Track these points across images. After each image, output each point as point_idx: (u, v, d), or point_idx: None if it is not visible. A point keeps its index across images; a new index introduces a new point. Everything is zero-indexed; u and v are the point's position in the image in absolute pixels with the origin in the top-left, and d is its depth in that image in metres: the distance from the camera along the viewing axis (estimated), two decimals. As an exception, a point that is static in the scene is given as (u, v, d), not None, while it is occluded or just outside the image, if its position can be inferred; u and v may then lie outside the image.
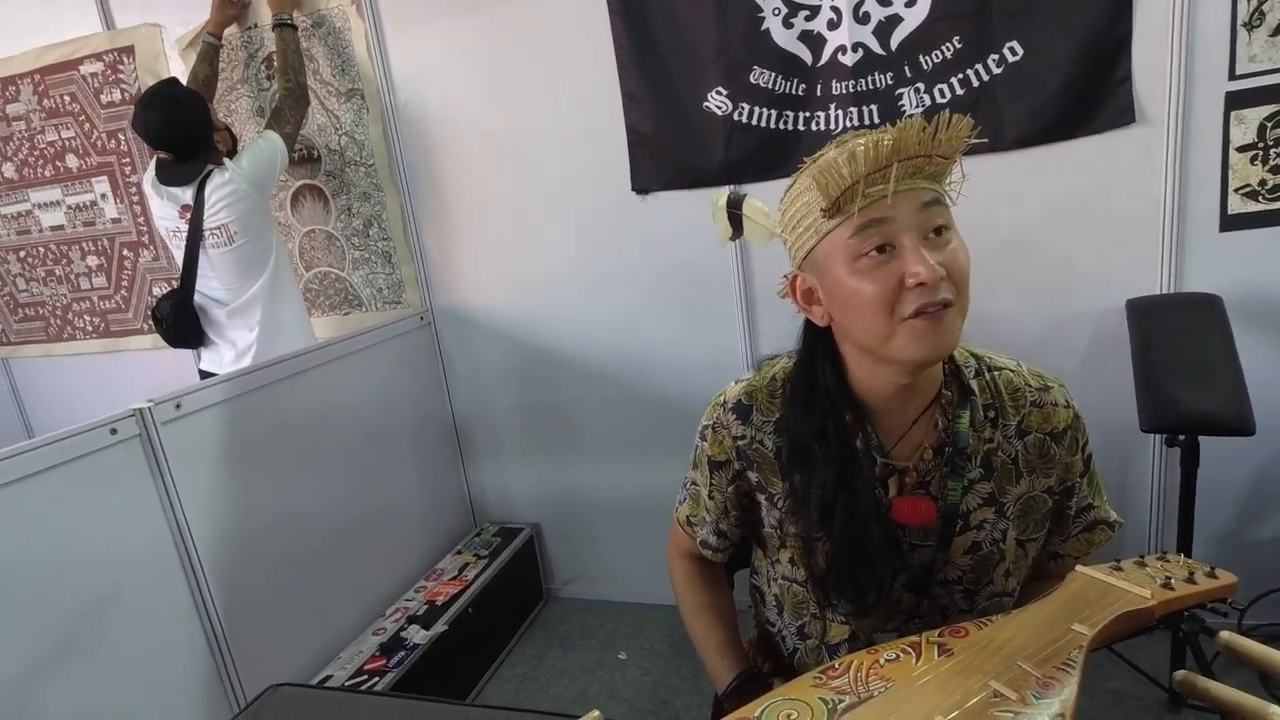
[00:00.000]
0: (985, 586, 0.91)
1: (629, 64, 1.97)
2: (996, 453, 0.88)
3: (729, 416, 0.95)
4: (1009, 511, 0.89)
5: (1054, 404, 0.89)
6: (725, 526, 1.02)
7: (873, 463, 0.87)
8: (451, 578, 2.24)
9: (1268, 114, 1.64)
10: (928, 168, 0.75)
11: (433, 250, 2.37)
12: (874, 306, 0.76)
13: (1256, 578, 1.89)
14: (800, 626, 0.99)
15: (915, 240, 0.75)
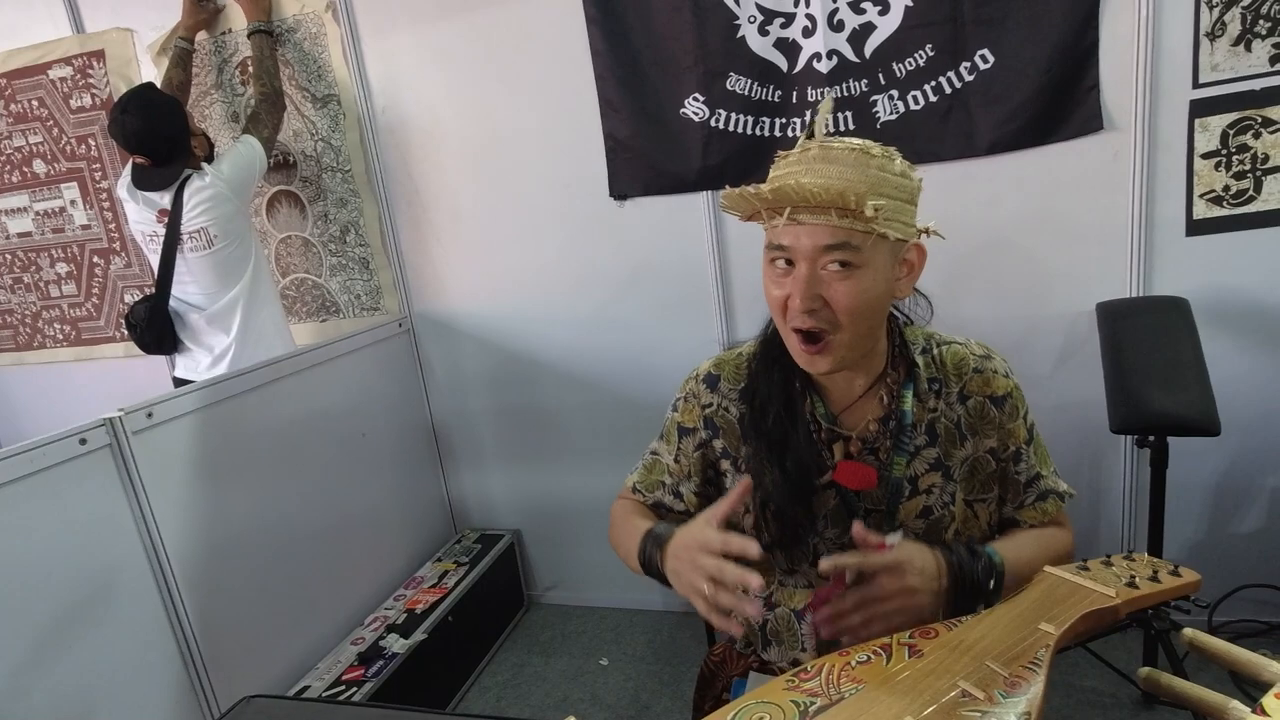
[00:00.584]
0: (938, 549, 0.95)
1: (606, 71, 1.97)
2: (940, 419, 0.95)
3: (700, 387, 1.03)
4: (955, 474, 0.96)
5: (994, 371, 0.97)
6: (685, 490, 1.06)
7: (818, 427, 0.95)
8: (431, 585, 2.22)
9: (1230, 121, 1.67)
10: (830, 214, 0.80)
11: (411, 256, 2.36)
12: (774, 306, 0.89)
13: (1226, 575, 1.92)
14: (767, 596, 1.04)
15: (808, 269, 0.83)
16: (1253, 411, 1.81)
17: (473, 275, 2.32)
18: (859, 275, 0.83)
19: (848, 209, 0.78)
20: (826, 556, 0.82)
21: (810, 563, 0.99)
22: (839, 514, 0.96)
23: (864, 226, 0.80)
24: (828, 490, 0.96)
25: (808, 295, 0.83)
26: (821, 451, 0.95)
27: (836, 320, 0.84)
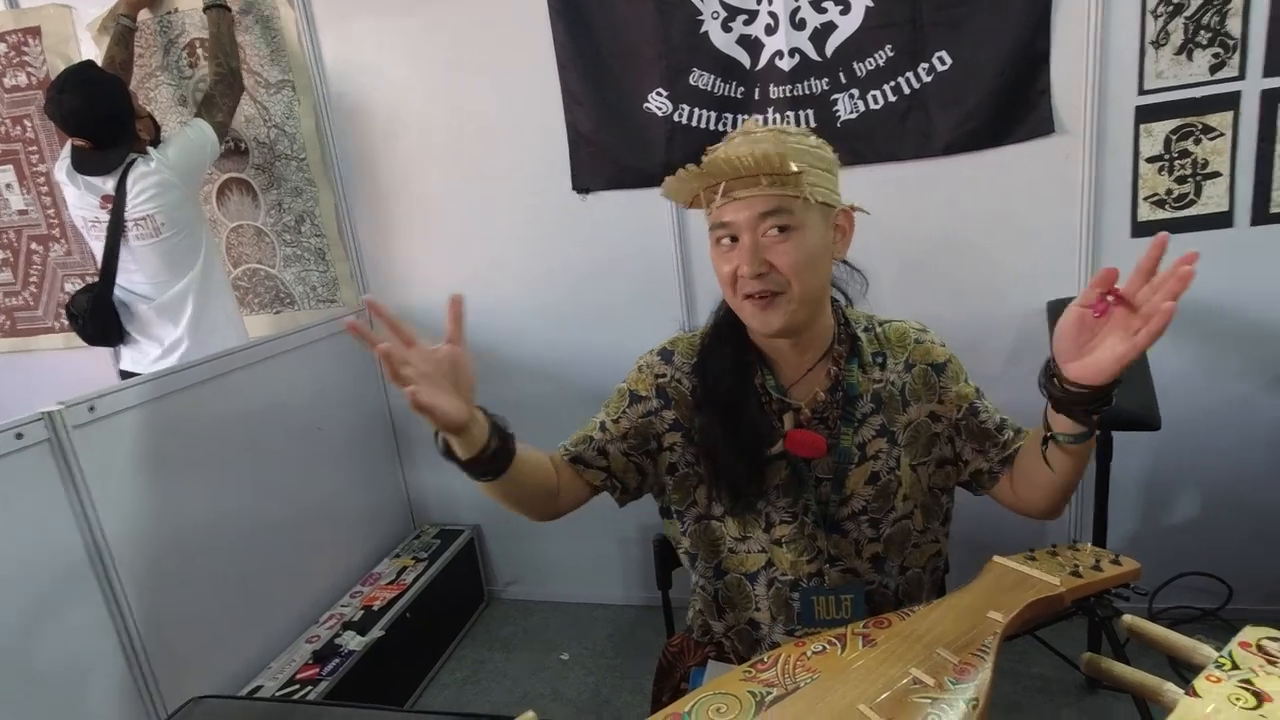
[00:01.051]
0: (888, 514, 1.01)
1: (569, 63, 1.96)
2: (885, 388, 1.01)
3: (654, 358, 1.07)
4: (900, 439, 1.01)
5: (933, 341, 1.05)
6: (612, 450, 1.04)
7: (768, 398, 0.99)
8: (389, 582, 2.19)
9: (1173, 127, 1.73)
10: (760, 182, 0.86)
11: (369, 247, 2.32)
12: (725, 283, 0.94)
13: (1166, 563, 2.00)
14: (717, 565, 1.07)
15: (751, 239, 0.89)
16: (1190, 407, 1.88)
17: (433, 267, 2.29)
18: (796, 236, 0.89)
19: (775, 172, 0.85)
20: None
21: (763, 529, 1.01)
22: (790, 483, 0.99)
23: (794, 191, 0.87)
24: (779, 460, 0.99)
25: (754, 261, 0.88)
26: (772, 421, 0.99)
27: (784, 280, 0.90)
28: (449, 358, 0.80)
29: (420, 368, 0.77)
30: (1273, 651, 0.63)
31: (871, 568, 1.02)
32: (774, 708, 0.65)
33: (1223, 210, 1.76)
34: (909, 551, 1.04)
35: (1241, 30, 1.65)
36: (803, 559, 1.00)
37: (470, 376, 0.81)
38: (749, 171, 0.86)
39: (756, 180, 0.86)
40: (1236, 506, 1.94)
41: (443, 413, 0.76)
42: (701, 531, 1.07)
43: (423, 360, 0.77)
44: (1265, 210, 1.74)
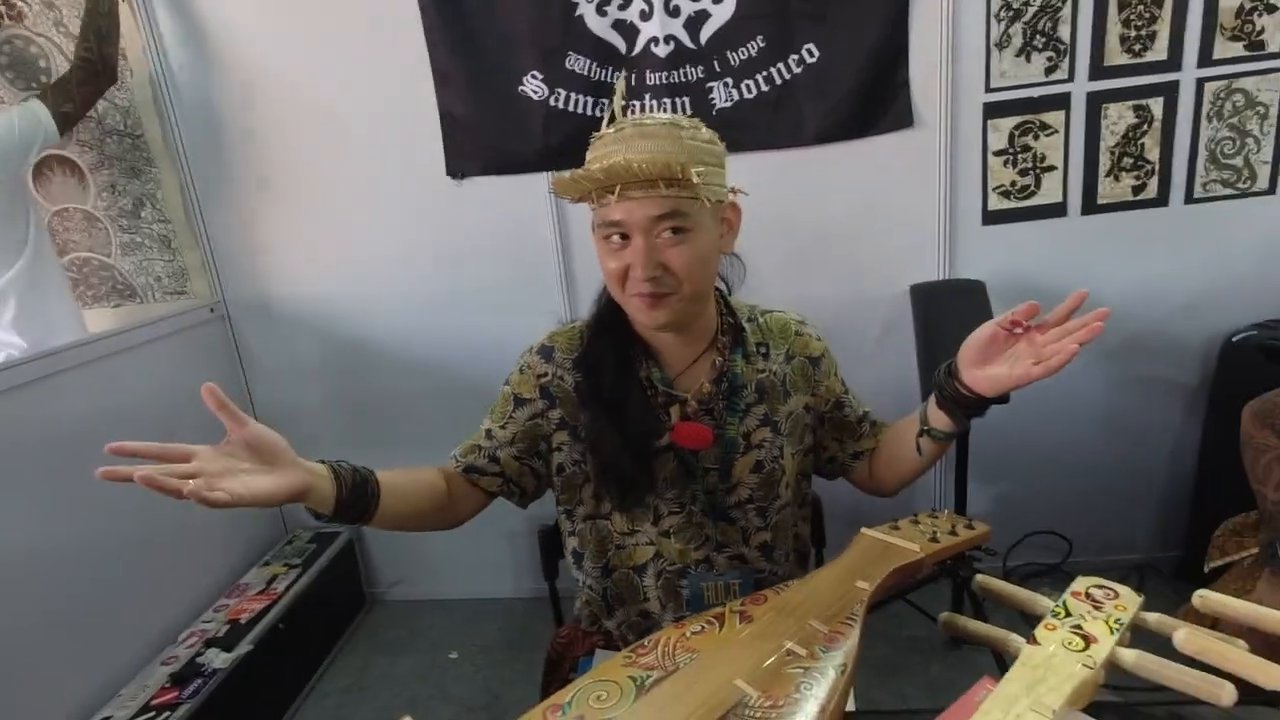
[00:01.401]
0: (773, 502, 1.04)
1: (439, 41, 1.88)
2: (768, 378, 1.03)
3: (534, 358, 1.03)
4: (782, 428, 1.03)
5: (810, 334, 1.09)
6: (504, 455, 1.02)
7: (654, 391, 0.99)
8: (258, 592, 2.05)
9: (1016, 123, 1.88)
10: (657, 186, 0.84)
11: (223, 234, 2.14)
12: (613, 278, 0.92)
13: (1017, 524, 2.19)
14: (604, 565, 1.06)
15: (645, 240, 0.87)
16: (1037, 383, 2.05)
17: (297, 256, 2.14)
18: (690, 239, 0.88)
19: (674, 179, 0.83)
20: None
21: (651, 522, 1.01)
22: (678, 474, 0.99)
23: (690, 193, 0.85)
24: (666, 452, 0.99)
25: (649, 264, 0.87)
26: (659, 414, 0.98)
27: (677, 281, 0.89)
28: (242, 444, 0.75)
29: (211, 467, 0.71)
30: (1098, 598, 0.70)
31: (761, 555, 1.05)
32: (654, 690, 0.65)
33: (1058, 201, 1.93)
34: (791, 539, 1.07)
35: (1070, 36, 1.80)
36: (690, 546, 1.02)
37: (278, 447, 0.76)
38: (649, 177, 0.83)
39: (654, 183, 0.84)
40: (1072, 471, 2.15)
41: (258, 497, 0.73)
42: (589, 530, 1.06)
43: (212, 459, 0.72)
44: (1094, 202, 1.92)
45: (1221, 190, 1.89)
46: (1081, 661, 0.62)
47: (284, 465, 0.76)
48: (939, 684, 1.86)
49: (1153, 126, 1.86)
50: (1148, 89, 1.83)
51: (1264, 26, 1.77)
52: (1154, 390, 2.07)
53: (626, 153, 0.84)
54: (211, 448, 0.73)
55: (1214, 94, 1.83)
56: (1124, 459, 2.13)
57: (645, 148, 0.85)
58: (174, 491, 0.67)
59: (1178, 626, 0.65)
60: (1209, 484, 2.03)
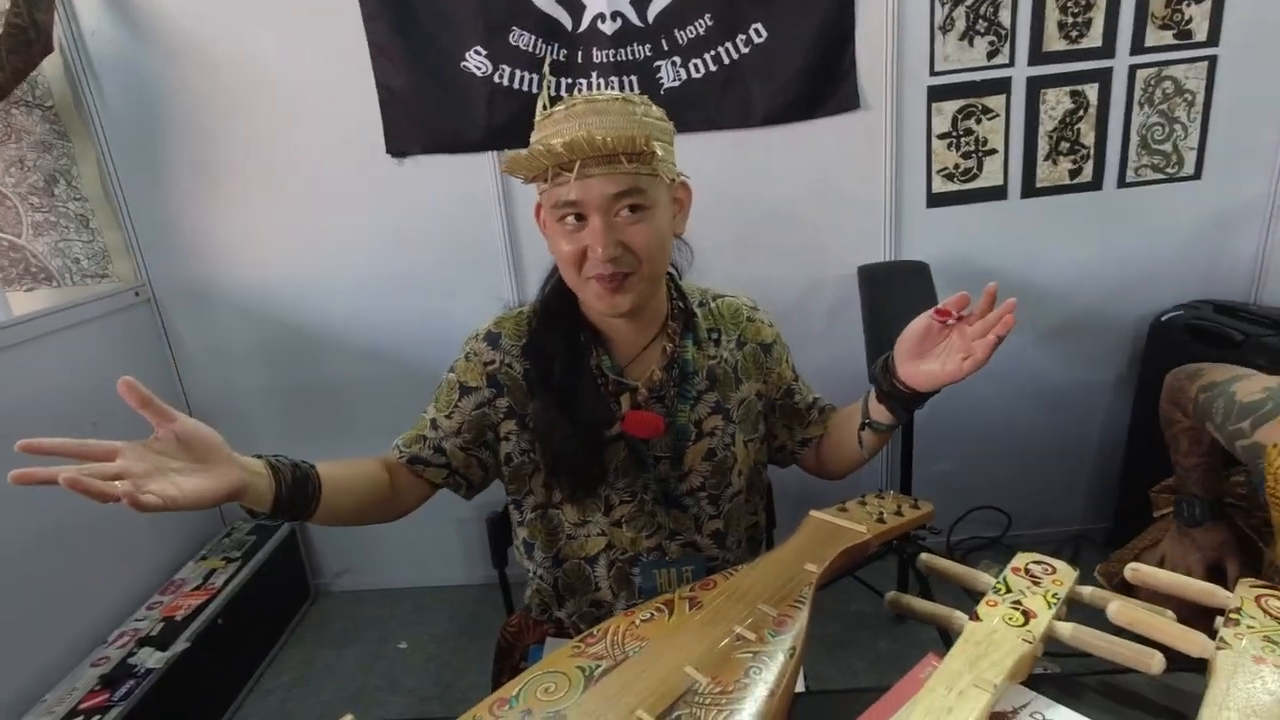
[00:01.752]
0: (726, 489, 1.03)
1: (376, 13, 1.80)
2: (719, 365, 1.01)
3: (481, 345, 0.99)
4: (734, 415, 1.02)
5: (763, 321, 1.08)
6: (449, 445, 0.98)
7: (604, 379, 0.96)
8: (195, 588, 1.97)
9: (959, 107, 1.91)
10: (617, 161, 0.82)
11: (146, 213, 2.02)
12: (567, 262, 0.89)
13: (960, 501, 2.25)
14: (555, 554, 1.04)
15: (603, 219, 0.84)
16: (975, 360, 2.10)
17: (230, 236, 2.04)
18: (649, 216, 0.87)
19: (636, 153, 0.81)
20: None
21: (603, 512, 1.00)
22: (629, 463, 0.98)
23: (648, 170, 0.84)
24: (617, 441, 0.97)
25: (610, 243, 0.84)
26: (609, 403, 0.96)
27: (636, 261, 0.87)
28: (172, 440, 0.70)
29: (138, 466, 0.66)
30: (1036, 574, 0.71)
31: (713, 543, 1.04)
32: (603, 680, 0.64)
33: (999, 184, 1.97)
34: (742, 526, 1.07)
35: (1011, 22, 1.83)
36: (642, 535, 1.01)
37: (211, 443, 0.71)
38: (611, 151, 0.81)
39: (614, 158, 0.82)
40: (1011, 447, 2.22)
41: (190, 499, 0.67)
42: (539, 520, 1.04)
43: (139, 457, 0.67)
44: (1033, 185, 1.97)
45: (1151, 175, 1.96)
46: (1021, 636, 0.63)
47: (218, 462, 0.71)
48: (886, 659, 1.91)
49: (1088, 112, 1.91)
50: (1084, 75, 1.88)
51: (1192, 16, 1.83)
52: (1088, 368, 2.15)
53: (582, 129, 0.82)
54: (138, 444, 0.68)
55: (1145, 81, 1.88)
56: (1059, 434, 2.21)
57: (602, 123, 0.82)
58: (103, 495, 0.62)
59: (1110, 599, 0.67)
60: (1138, 457, 2.12)
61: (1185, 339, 1.89)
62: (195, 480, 0.69)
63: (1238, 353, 1.72)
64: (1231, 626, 0.62)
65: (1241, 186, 1.96)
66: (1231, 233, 2.00)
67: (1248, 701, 0.55)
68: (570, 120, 0.84)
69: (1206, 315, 1.89)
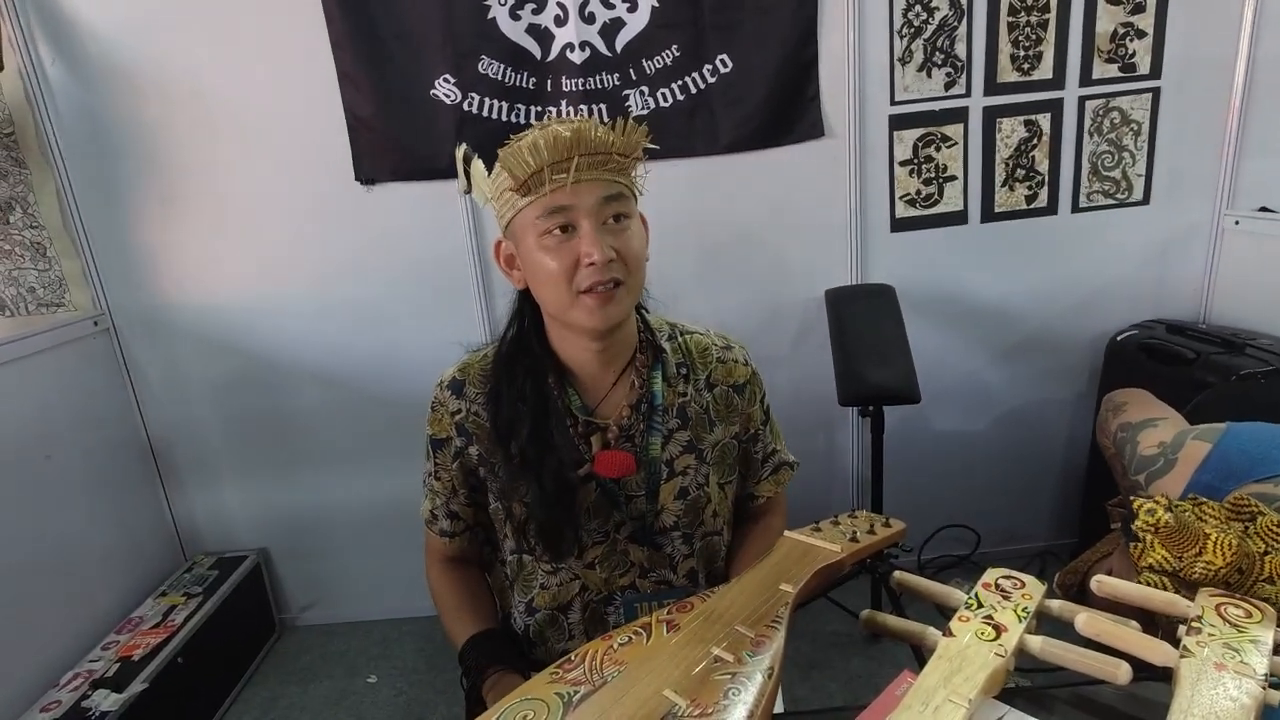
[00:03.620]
0: (699, 528, 1.01)
1: (344, 41, 1.81)
2: (690, 404, 0.99)
3: (445, 394, 0.97)
4: (708, 457, 1.00)
5: (735, 360, 1.03)
6: (456, 506, 1.01)
7: (574, 420, 0.94)
8: (153, 625, 1.90)
9: (919, 135, 1.97)
10: (610, 164, 0.84)
11: (106, 242, 1.98)
12: (556, 278, 0.85)
13: (929, 519, 2.28)
14: (529, 601, 1.02)
15: (593, 226, 0.83)
16: (944, 381, 2.15)
17: (191, 265, 2.01)
18: (632, 226, 0.87)
19: (624, 154, 0.83)
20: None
21: (575, 556, 0.98)
22: (600, 504, 0.96)
23: (627, 181, 0.86)
24: (588, 483, 0.95)
25: (605, 247, 0.83)
26: (579, 445, 0.95)
27: (626, 270, 0.86)
28: None
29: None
30: (1006, 588, 0.72)
31: (688, 582, 1.03)
32: (581, 706, 0.63)
33: (959, 209, 2.03)
34: (717, 565, 1.06)
35: (967, 54, 1.90)
36: (615, 574, 0.99)
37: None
38: (604, 149, 0.81)
39: (608, 158, 0.82)
40: (977, 466, 2.26)
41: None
42: (516, 564, 1.01)
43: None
44: (992, 210, 2.04)
45: (1103, 200, 2.04)
46: (993, 650, 0.64)
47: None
48: (860, 678, 1.91)
49: (1042, 140, 1.98)
50: (1036, 105, 1.95)
51: (1135, 50, 1.92)
52: (1049, 387, 2.20)
53: (568, 129, 0.81)
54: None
55: (1094, 111, 1.96)
56: (1024, 452, 2.26)
57: (592, 124, 0.83)
58: None
59: (1078, 612, 0.68)
60: (1100, 474, 2.17)
61: (1140, 358, 1.95)
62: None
63: (1190, 370, 1.78)
64: (1193, 635, 0.64)
65: (1187, 211, 2.04)
66: (1180, 255, 2.08)
67: (1211, 708, 0.56)
68: (548, 131, 0.82)
69: (1159, 335, 1.96)
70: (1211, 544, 0.73)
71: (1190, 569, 0.74)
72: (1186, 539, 0.74)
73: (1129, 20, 1.90)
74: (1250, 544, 0.74)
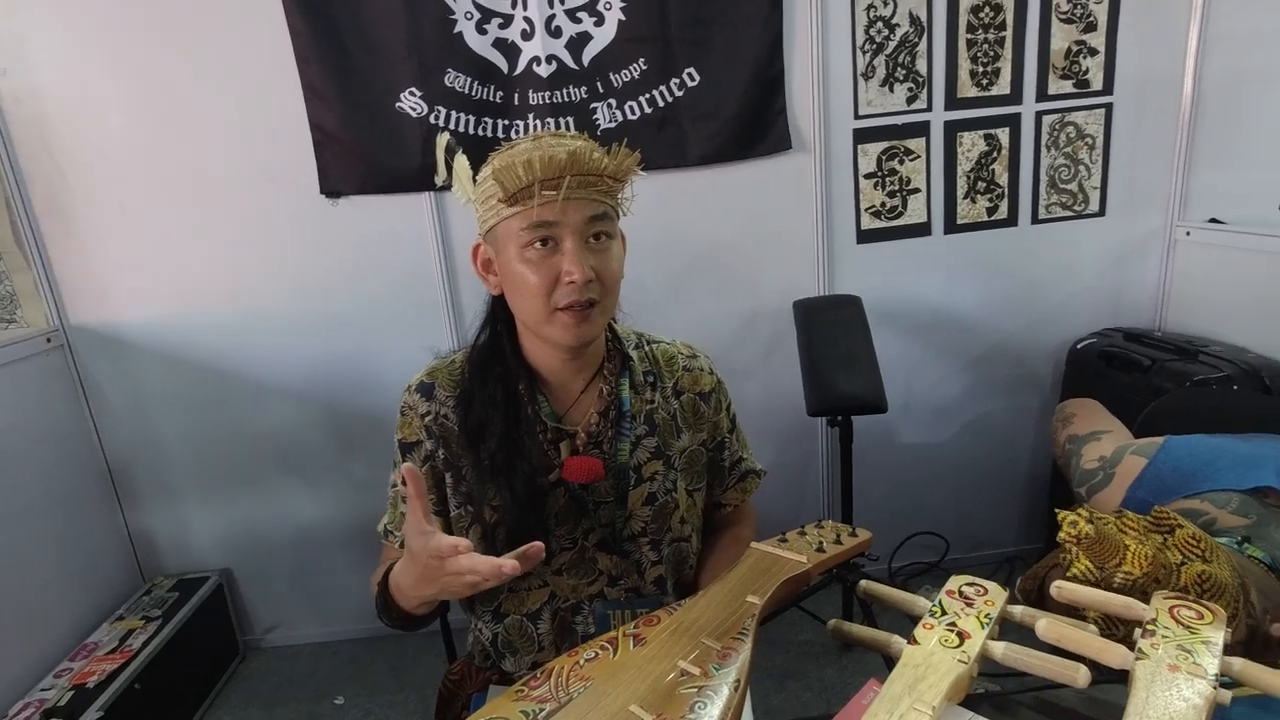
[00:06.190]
0: (666, 534, 1.01)
1: (309, 54, 1.79)
2: (657, 411, 1.00)
3: (415, 397, 0.97)
4: (676, 464, 1.01)
5: (701, 369, 1.05)
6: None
7: (544, 426, 0.94)
8: (110, 651, 1.84)
9: (883, 148, 2.00)
10: (599, 185, 0.85)
11: (61, 256, 1.93)
12: (535, 292, 0.86)
13: (899, 527, 2.30)
14: (495, 608, 1.01)
15: (577, 244, 0.84)
16: (911, 390, 2.18)
17: (152, 279, 1.97)
18: (614, 246, 0.88)
19: (614, 177, 0.84)
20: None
21: (544, 562, 0.97)
22: (569, 510, 0.96)
23: (613, 201, 0.87)
24: (556, 489, 0.95)
25: (587, 266, 0.84)
26: (548, 451, 0.95)
27: (603, 291, 0.87)
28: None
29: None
30: (969, 595, 0.73)
31: (656, 589, 1.03)
32: (547, 724, 0.62)
33: (923, 221, 2.07)
34: (685, 572, 1.06)
35: (927, 69, 1.95)
36: (584, 581, 0.99)
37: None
38: (597, 171, 0.82)
39: (599, 180, 0.83)
40: (945, 474, 2.29)
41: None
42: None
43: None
44: (954, 222, 2.08)
45: (1061, 212, 2.09)
46: (957, 657, 0.65)
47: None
48: (834, 687, 1.92)
49: (1001, 154, 2.03)
50: (995, 119, 2.00)
51: (1088, 67, 1.98)
52: (1013, 394, 2.25)
53: (564, 151, 0.81)
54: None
55: (1050, 125, 2.02)
56: (989, 459, 2.29)
57: (588, 146, 0.84)
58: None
59: (1039, 617, 0.69)
60: (1065, 480, 2.21)
61: (1100, 365, 2.00)
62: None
63: (1146, 377, 1.83)
64: (1148, 637, 0.65)
65: (1141, 222, 2.11)
66: (1136, 265, 2.14)
67: (1165, 709, 0.57)
68: (538, 150, 0.83)
69: (1118, 342, 2.01)
70: (1130, 555, 0.75)
71: (1110, 578, 0.76)
72: (1107, 550, 0.77)
73: (1082, 38, 1.95)
74: (1167, 555, 0.77)
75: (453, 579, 0.73)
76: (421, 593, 0.80)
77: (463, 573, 0.72)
